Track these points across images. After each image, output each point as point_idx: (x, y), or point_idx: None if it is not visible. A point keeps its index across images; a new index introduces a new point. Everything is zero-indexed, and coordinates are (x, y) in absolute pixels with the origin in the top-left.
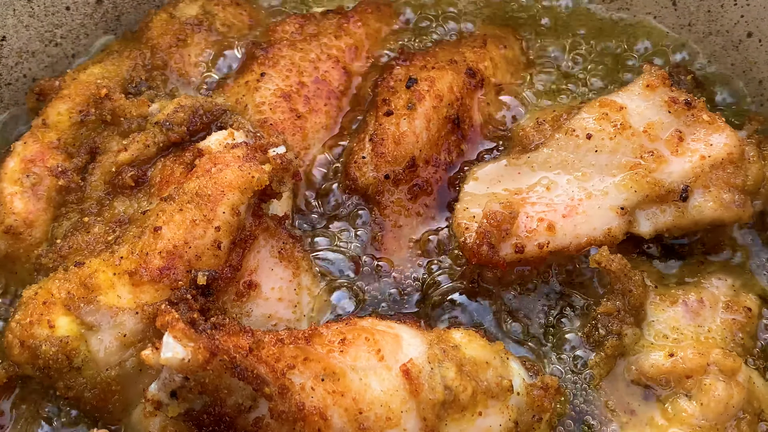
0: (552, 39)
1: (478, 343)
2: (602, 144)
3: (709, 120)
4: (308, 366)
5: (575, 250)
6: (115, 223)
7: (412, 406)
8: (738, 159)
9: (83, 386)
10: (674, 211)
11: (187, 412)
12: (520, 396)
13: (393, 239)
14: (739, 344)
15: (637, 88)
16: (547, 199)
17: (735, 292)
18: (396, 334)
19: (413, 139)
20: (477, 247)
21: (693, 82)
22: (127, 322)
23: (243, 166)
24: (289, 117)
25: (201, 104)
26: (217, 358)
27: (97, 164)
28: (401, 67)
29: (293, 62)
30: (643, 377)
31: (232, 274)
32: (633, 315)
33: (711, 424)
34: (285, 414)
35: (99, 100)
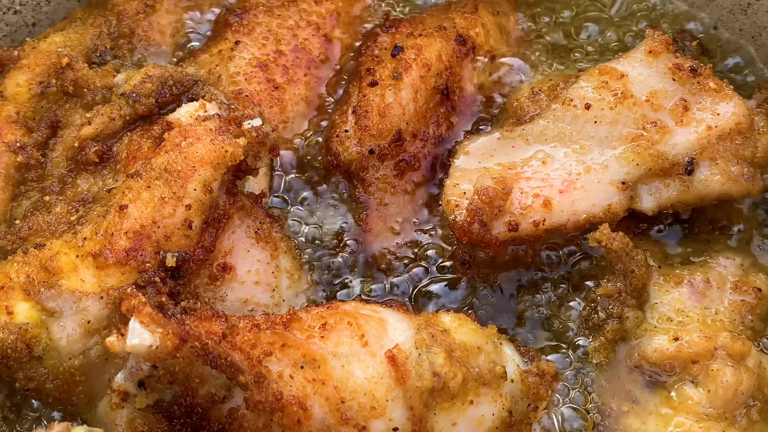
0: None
1: (469, 327)
2: (602, 114)
3: (715, 88)
4: (286, 353)
5: (573, 228)
6: (78, 202)
7: (398, 394)
8: (747, 129)
9: (45, 377)
10: (679, 186)
11: (157, 403)
12: (515, 383)
13: (378, 218)
14: (749, 327)
15: (639, 55)
16: (543, 173)
17: (744, 272)
18: (381, 318)
19: (399, 111)
20: (468, 225)
21: (698, 48)
22: (91, 307)
23: (215, 139)
24: (266, 88)
25: (170, 74)
26: (187, 344)
27: (59, 139)
28: (386, 35)
29: (270, 29)
30: (646, 363)
31: (205, 255)
32: (635, 297)
33: (719, 412)
34: (262, 404)
35: (60, 70)
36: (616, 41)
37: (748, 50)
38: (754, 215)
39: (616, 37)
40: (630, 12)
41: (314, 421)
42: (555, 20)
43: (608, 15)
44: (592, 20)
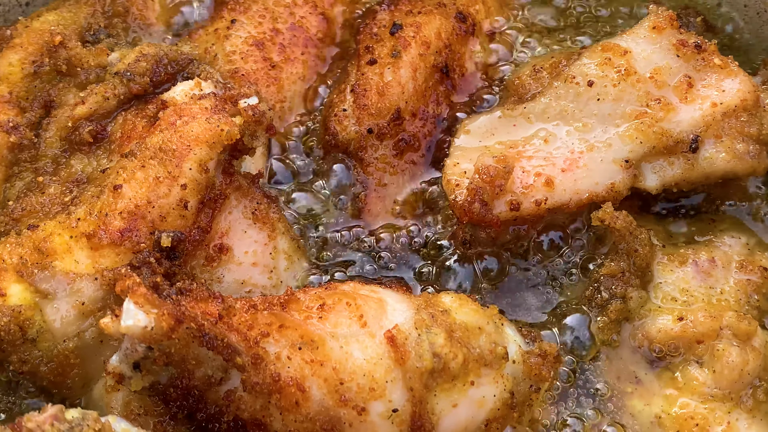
0: None
1: (470, 307)
2: (605, 92)
3: (720, 64)
4: (284, 334)
5: (576, 207)
6: (72, 182)
7: (397, 375)
8: (752, 106)
9: (39, 359)
10: (683, 164)
11: (152, 385)
12: (516, 364)
13: (377, 199)
14: (755, 306)
15: (643, 31)
16: (545, 152)
17: (749, 251)
18: (380, 298)
19: (398, 90)
20: (468, 204)
21: (703, 24)
22: (86, 288)
23: (211, 118)
24: (263, 67)
25: (165, 53)
26: (183, 325)
27: (53, 119)
28: (385, 12)
29: (266, 7)
30: (650, 343)
31: (201, 236)
32: (639, 276)
33: (724, 393)
34: (259, 386)
35: (53, 49)
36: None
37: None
38: (759, 193)
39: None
40: None
41: (312, 402)
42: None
43: None
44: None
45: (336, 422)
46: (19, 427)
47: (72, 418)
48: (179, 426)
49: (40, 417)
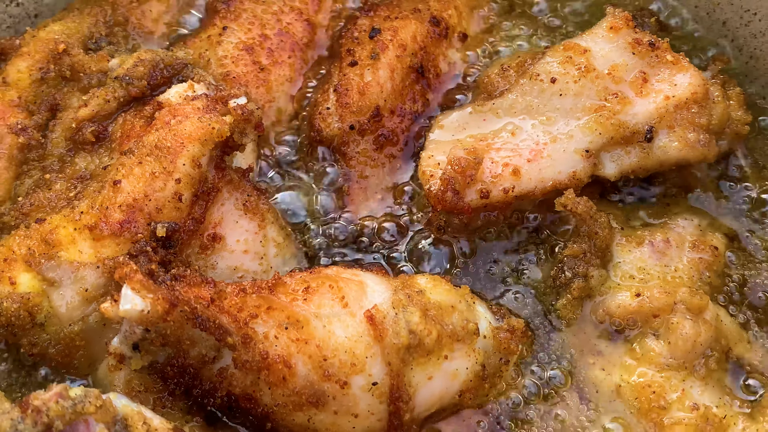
0: None
1: (444, 287)
2: (567, 87)
3: (673, 60)
4: (271, 315)
5: (541, 194)
6: (77, 179)
7: (376, 351)
8: (702, 99)
9: (47, 342)
10: (639, 153)
11: (151, 364)
12: (487, 339)
13: (359, 190)
14: (706, 283)
15: (601, 31)
16: (512, 144)
17: (701, 232)
18: (361, 281)
19: (377, 89)
20: (441, 193)
21: (657, 24)
22: (89, 276)
23: (203, 117)
24: (252, 70)
25: (161, 58)
26: (177, 309)
27: (58, 121)
28: (365, 18)
29: (255, 15)
30: (610, 318)
31: (195, 226)
32: (599, 257)
33: (679, 363)
34: (249, 363)
35: (58, 56)
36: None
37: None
38: (710, 179)
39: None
40: None
41: (298, 378)
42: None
43: None
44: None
45: (320, 395)
46: (26, 405)
47: (75, 395)
48: (177, 401)
49: (46, 395)
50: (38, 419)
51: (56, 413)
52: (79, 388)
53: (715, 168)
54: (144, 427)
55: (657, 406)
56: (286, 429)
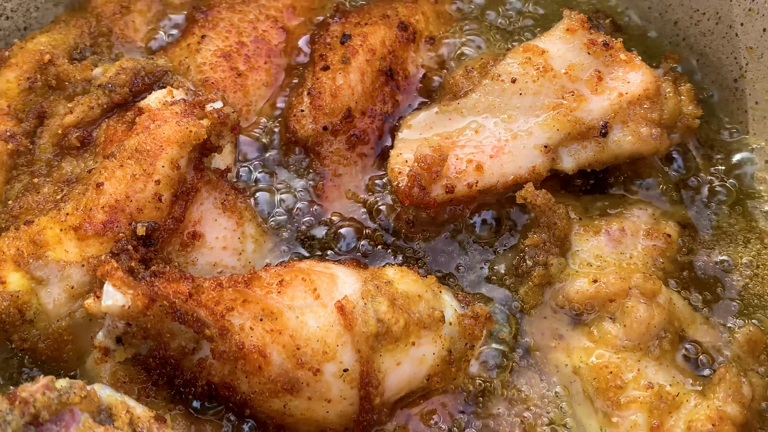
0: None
1: (411, 278)
2: (526, 87)
3: (626, 59)
4: (247, 307)
5: (503, 188)
6: (64, 182)
7: (347, 339)
8: (654, 95)
9: (37, 338)
10: (595, 147)
11: (135, 356)
12: (452, 326)
13: (333, 187)
14: (660, 268)
15: (558, 33)
16: (476, 141)
17: (655, 220)
18: (332, 273)
19: (349, 92)
20: (408, 189)
21: (611, 25)
22: (74, 274)
23: (180, 121)
24: (230, 75)
25: (143, 66)
26: (156, 303)
27: (45, 128)
28: (337, 24)
29: (232, 23)
30: (569, 303)
31: (175, 225)
32: (558, 246)
33: (634, 344)
34: (226, 354)
35: (44, 67)
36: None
37: (656, 25)
38: (663, 170)
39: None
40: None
41: (273, 366)
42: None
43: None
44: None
45: (295, 382)
46: (14, 397)
47: (61, 387)
48: (160, 391)
49: (33, 387)
50: (26, 410)
51: (43, 404)
52: (65, 380)
53: (668, 160)
54: (127, 415)
55: (614, 385)
56: (264, 415)
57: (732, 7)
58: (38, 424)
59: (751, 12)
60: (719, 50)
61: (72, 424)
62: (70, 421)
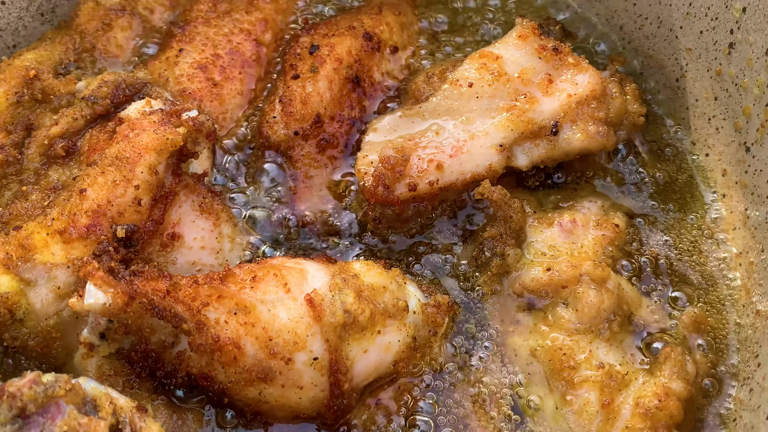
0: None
1: (376, 271)
2: (482, 90)
3: (574, 62)
4: (222, 302)
5: (462, 185)
6: (50, 189)
7: (316, 330)
8: (601, 95)
9: (27, 336)
10: (547, 145)
11: (118, 351)
12: (416, 314)
13: (305, 188)
14: (609, 256)
15: (511, 39)
16: (437, 142)
17: (604, 212)
18: (302, 269)
19: (318, 99)
20: (374, 188)
21: (561, 31)
22: (61, 275)
23: (158, 129)
24: (206, 86)
25: (123, 79)
26: (136, 300)
27: (33, 139)
28: (306, 36)
29: (208, 37)
30: (525, 290)
31: (155, 227)
32: (514, 237)
33: (586, 327)
34: (203, 346)
35: (30, 81)
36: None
37: (603, 30)
38: (610, 165)
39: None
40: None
41: (247, 357)
42: (446, 13)
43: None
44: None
45: (268, 371)
46: (2, 392)
47: (47, 381)
48: (144, 382)
49: (21, 382)
50: (13, 404)
51: (29, 397)
52: (51, 375)
53: (616, 155)
54: (111, 406)
55: (567, 366)
56: (241, 403)
57: (672, 11)
58: (25, 416)
59: (689, 16)
60: (661, 52)
61: (58, 416)
62: (55, 413)
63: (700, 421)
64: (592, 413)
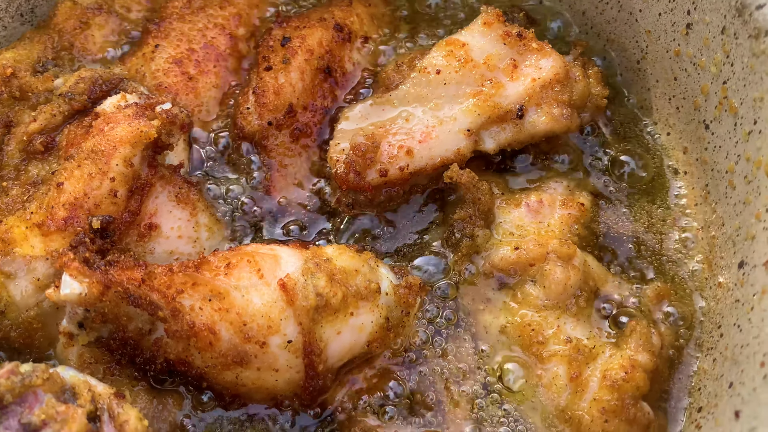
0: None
1: (348, 254)
2: (450, 77)
3: (538, 47)
4: (196, 289)
5: (432, 169)
6: (30, 184)
7: (289, 313)
8: (564, 79)
9: (9, 327)
10: (513, 128)
11: (97, 339)
12: (389, 296)
13: (280, 177)
14: (575, 234)
15: (477, 27)
16: (406, 128)
17: (570, 192)
18: (275, 254)
19: (290, 89)
20: (345, 175)
21: (525, 18)
22: (40, 267)
23: (132, 122)
24: (182, 79)
25: (100, 75)
26: (111, 290)
27: (12, 135)
28: (278, 29)
29: (183, 32)
30: (495, 269)
31: (132, 218)
32: (483, 219)
33: (553, 303)
34: (179, 333)
35: (7, 80)
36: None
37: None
38: (575, 146)
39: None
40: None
41: (223, 342)
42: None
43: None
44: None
45: (244, 355)
46: None
47: (24, 371)
48: (124, 369)
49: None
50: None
51: (6, 388)
52: (29, 364)
53: (580, 136)
54: (89, 393)
55: (536, 341)
56: (219, 386)
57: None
58: (3, 406)
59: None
60: (623, 35)
61: (35, 405)
62: (33, 402)
63: (666, 392)
64: (560, 386)
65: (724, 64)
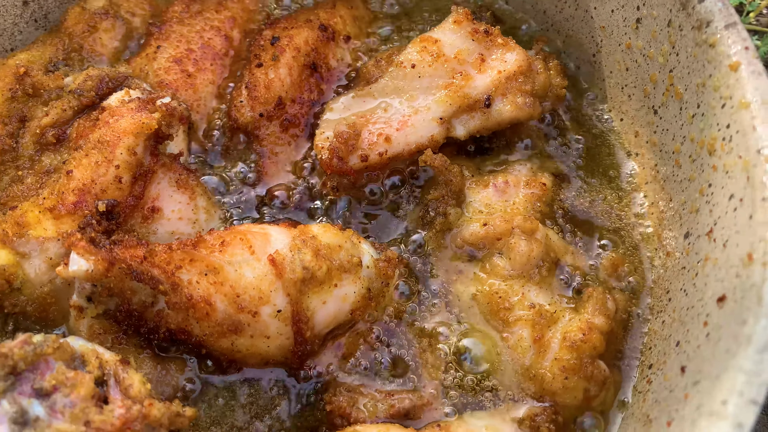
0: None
1: (332, 232)
2: (424, 70)
3: (503, 43)
4: (194, 265)
5: (408, 155)
6: (43, 173)
7: (278, 286)
8: (527, 70)
9: (25, 303)
10: (481, 116)
11: (105, 312)
12: (369, 269)
13: (272, 164)
14: (538, 211)
15: (448, 25)
16: (385, 118)
17: (533, 173)
18: (266, 233)
19: (279, 84)
20: (329, 160)
21: (492, 17)
22: (52, 248)
23: (135, 115)
24: (181, 77)
25: (106, 73)
26: (115, 266)
27: (27, 129)
28: (268, 29)
29: (182, 34)
30: (465, 243)
31: (136, 202)
32: (455, 198)
33: (518, 273)
34: (178, 304)
35: (21, 78)
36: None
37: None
38: (538, 132)
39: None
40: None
41: (218, 312)
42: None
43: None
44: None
45: (238, 324)
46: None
47: (36, 341)
48: (131, 339)
49: (12, 343)
50: (5, 363)
51: (20, 356)
52: (41, 335)
53: (542, 123)
54: (97, 360)
55: (503, 307)
56: (217, 353)
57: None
58: (17, 373)
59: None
60: (580, 31)
61: (47, 371)
62: (45, 369)
63: (620, 351)
64: (525, 347)
65: (670, 54)
